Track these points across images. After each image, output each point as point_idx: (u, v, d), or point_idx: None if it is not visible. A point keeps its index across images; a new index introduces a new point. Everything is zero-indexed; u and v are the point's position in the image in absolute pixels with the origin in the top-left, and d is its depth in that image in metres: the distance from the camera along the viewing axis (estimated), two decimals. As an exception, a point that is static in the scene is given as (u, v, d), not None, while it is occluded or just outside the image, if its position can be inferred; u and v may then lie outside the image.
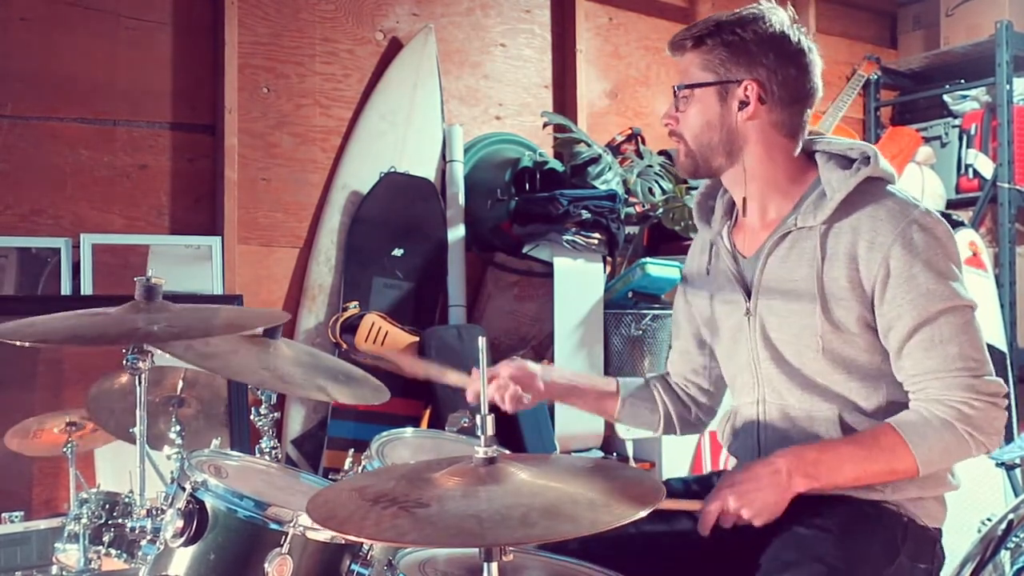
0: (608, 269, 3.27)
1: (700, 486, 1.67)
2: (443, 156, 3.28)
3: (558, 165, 3.33)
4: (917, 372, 1.43)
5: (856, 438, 1.45)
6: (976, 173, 4.22)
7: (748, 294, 1.57)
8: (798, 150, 1.57)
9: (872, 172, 1.47)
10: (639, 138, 3.68)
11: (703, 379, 1.79)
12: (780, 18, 1.53)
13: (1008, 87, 3.98)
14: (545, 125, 3.51)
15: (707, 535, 1.45)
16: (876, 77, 4.49)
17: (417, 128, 3.22)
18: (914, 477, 1.42)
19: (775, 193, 1.56)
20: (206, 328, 1.56)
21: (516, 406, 1.68)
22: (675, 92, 1.57)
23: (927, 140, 4.37)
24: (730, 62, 1.51)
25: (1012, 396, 3.62)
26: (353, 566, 1.35)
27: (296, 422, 2.96)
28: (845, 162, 1.51)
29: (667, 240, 3.51)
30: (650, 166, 3.54)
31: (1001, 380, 1.43)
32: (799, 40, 1.52)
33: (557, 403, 3.00)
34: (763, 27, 1.51)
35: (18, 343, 1.39)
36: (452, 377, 1.75)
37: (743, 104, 1.51)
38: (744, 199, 1.58)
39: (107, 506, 1.88)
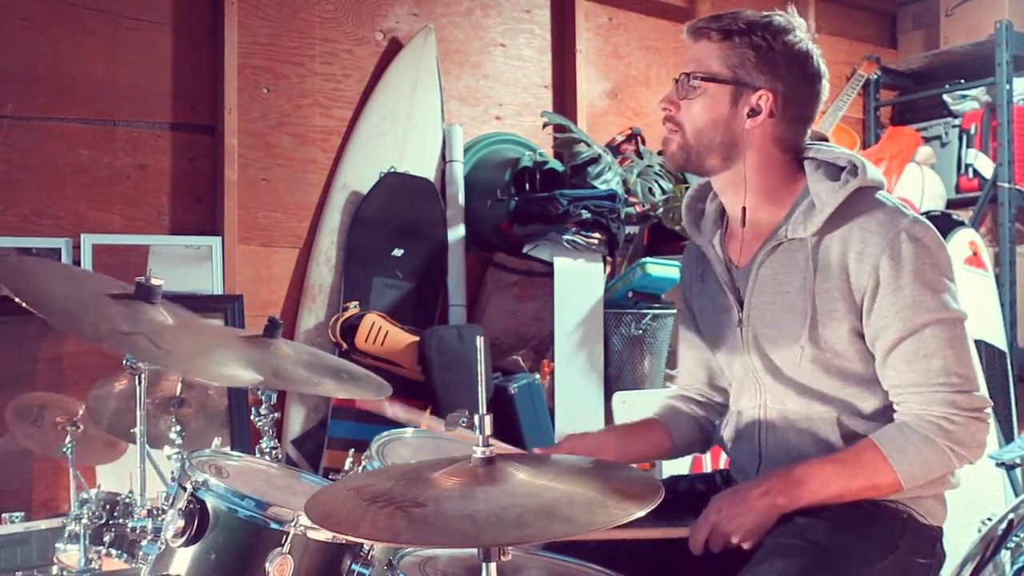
0: (608, 269, 3.27)
1: (704, 485, 1.68)
2: (443, 156, 3.28)
3: (558, 165, 3.33)
4: (899, 384, 1.43)
5: (838, 456, 1.45)
6: (976, 173, 4.22)
7: (741, 304, 1.56)
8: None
9: (860, 183, 1.45)
10: (639, 138, 3.68)
11: (724, 380, 1.75)
12: (806, 36, 1.50)
13: (1008, 87, 3.98)
14: (545, 125, 3.51)
15: (699, 553, 1.45)
16: (876, 77, 4.48)
17: (417, 128, 3.22)
18: (899, 491, 1.43)
19: (767, 202, 1.53)
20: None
21: None
22: (681, 79, 1.50)
23: (927, 140, 4.37)
24: (753, 66, 1.46)
25: (1012, 396, 3.62)
26: (354, 566, 1.36)
27: (296, 422, 2.96)
28: (834, 171, 1.49)
29: (667, 240, 3.50)
30: (650, 166, 3.53)
31: (986, 395, 1.42)
32: (819, 64, 1.51)
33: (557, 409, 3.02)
34: (792, 41, 1.48)
35: (12, 296, 1.36)
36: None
37: (753, 112, 1.48)
38: (744, 209, 1.54)
39: (107, 506, 1.87)
